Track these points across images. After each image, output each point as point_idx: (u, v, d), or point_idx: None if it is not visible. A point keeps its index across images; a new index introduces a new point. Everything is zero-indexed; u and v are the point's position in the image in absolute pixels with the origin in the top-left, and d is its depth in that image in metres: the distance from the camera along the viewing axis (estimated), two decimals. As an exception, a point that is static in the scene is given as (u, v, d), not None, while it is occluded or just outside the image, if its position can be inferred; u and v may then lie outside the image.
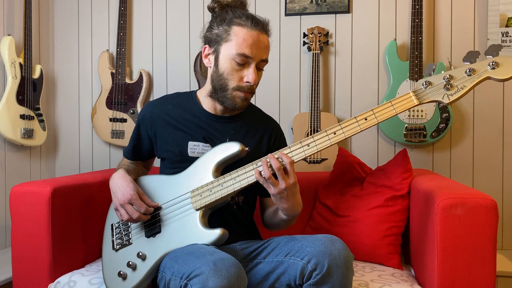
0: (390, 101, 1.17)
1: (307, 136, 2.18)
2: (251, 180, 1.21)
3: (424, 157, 2.21)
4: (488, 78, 1.11)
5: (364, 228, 1.67)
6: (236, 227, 1.37)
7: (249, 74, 1.28)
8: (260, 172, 1.18)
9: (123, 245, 1.36)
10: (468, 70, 1.13)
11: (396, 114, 1.17)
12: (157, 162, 1.56)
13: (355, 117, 1.18)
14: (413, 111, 2.11)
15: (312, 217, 1.84)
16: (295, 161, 1.19)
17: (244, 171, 1.23)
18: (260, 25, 1.28)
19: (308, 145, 1.19)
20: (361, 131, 1.17)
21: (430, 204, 1.35)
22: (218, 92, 1.32)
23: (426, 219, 1.41)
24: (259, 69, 1.31)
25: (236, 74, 1.28)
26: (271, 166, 1.17)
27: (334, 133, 1.18)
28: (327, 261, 1.10)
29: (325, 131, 1.18)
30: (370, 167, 1.89)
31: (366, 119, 1.17)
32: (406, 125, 2.12)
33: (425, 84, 1.16)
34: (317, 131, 2.19)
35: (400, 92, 2.13)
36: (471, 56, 1.13)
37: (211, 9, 1.36)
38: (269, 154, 1.19)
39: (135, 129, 1.46)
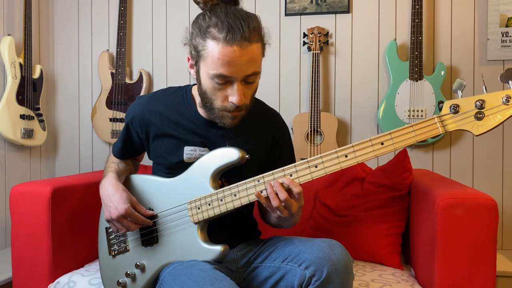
0: (412, 125, 1.04)
1: (307, 136, 2.18)
2: (252, 198, 1.15)
3: (424, 157, 2.21)
4: None
5: (364, 228, 1.67)
6: (235, 230, 1.33)
7: (233, 95, 1.11)
8: (263, 195, 1.11)
9: (119, 252, 1.33)
10: (505, 98, 0.96)
11: (416, 142, 1.05)
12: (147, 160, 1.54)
13: (370, 140, 1.06)
14: (413, 110, 2.11)
15: (312, 217, 1.84)
16: (300, 183, 1.11)
17: (244, 187, 1.15)
18: (239, 36, 1.06)
19: (316, 167, 1.10)
20: (375, 156, 1.06)
21: (430, 204, 1.35)
22: (207, 108, 1.19)
23: (426, 219, 1.41)
24: (248, 82, 1.13)
25: (219, 94, 1.13)
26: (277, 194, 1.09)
27: (346, 156, 1.07)
28: (326, 268, 1.07)
29: (336, 152, 1.08)
30: (370, 167, 1.89)
31: (382, 143, 1.05)
32: (406, 125, 2.12)
33: (453, 109, 1.01)
34: (317, 131, 2.19)
35: (400, 92, 2.13)
36: (510, 76, 0.97)
37: (196, 2, 1.17)
38: (275, 181, 1.10)
39: (124, 130, 1.35)
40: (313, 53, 2.20)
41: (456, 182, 1.60)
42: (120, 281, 1.30)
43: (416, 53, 2.10)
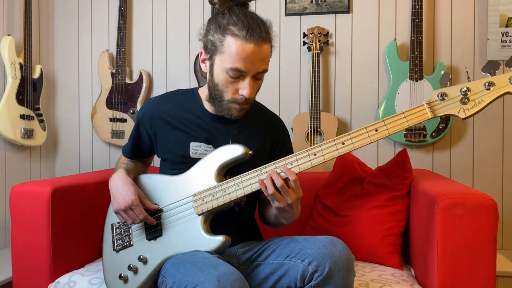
0: (403, 112, 1.11)
1: (307, 136, 2.18)
2: (255, 187, 1.18)
3: (424, 157, 2.21)
4: (508, 93, 1.05)
5: (364, 228, 1.67)
6: (238, 229, 1.36)
7: (244, 88, 1.21)
8: (264, 184, 1.15)
9: (123, 247, 1.35)
10: (487, 84, 1.05)
11: (409, 127, 1.12)
12: (156, 160, 1.55)
13: (365, 127, 1.13)
14: (413, 111, 2.11)
15: (312, 217, 1.84)
16: (300, 170, 1.15)
17: (247, 177, 1.19)
18: (257, 35, 1.17)
19: (315, 154, 1.15)
20: (371, 142, 1.13)
21: (430, 204, 1.35)
22: (214, 100, 1.28)
23: (426, 219, 1.41)
24: (257, 79, 1.24)
25: (231, 86, 1.22)
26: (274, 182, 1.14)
27: (343, 143, 1.13)
28: (328, 263, 1.08)
29: (333, 140, 1.14)
30: (370, 167, 1.89)
31: (376, 130, 1.12)
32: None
33: (441, 96, 1.10)
34: (317, 131, 2.19)
35: (400, 92, 2.13)
36: (491, 67, 1.06)
37: (211, 2, 1.26)
38: (272, 170, 1.15)
39: (134, 128, 1.42)
40: (313, 53, 2.20)
41: (456, 182, 1.60)
42: (122, 274, 1.32)
43: (416, 53, 2.10)
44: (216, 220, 1.28)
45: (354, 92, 2.28)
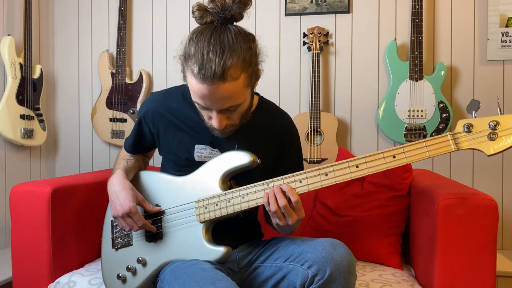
0: (424, 141, 1.05)
1: (307, 136, 2.18)
2: (260, 202, 1.15)
3: (424, 157, 2.20)
4: None
5: (365, 228, 1.67)
6: (239, 233, 1.34)
7: (213, 121, 1.14)
8: (268, 199, 1.12)
9: (123, 245, 1.34)
10: None
11: (429, 157, 1.05)
12: (156, 158, 1.54)
13: (382, 152, 1.08)
14: (413, 110, 2.11)
15: (312, 217, 1.84)
16: (309, 189, 1.12)
17: (253, 190, 1.16)
18: (210, 75, 1.03)
19: (326, 175, 1.11)
20: (387, 169, 1.07)
21: (430, 204, 1.35)
22: (200, 118, 1.22)
23: (426, 219, 1.41)
24: (229, 110, 1.13)
25: (204, 113, 1.16)
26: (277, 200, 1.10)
27: (357, 166, 1.09)
28: (329, 267, 1.07)
29: (347, 161, 1.09)
30: (370, 167, 1.89)
31: (394, 156, 1.06)
32: (406, 125, 2.12)
33: (467, 128, 1.02)
34: (317, 131, 2.19)
35: (400, 92, 2.13)
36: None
37: (193, 13, 1.16)
38: (275, 186, 1.12)
39: (136, 125, 1.37)
40: (313, 53, 2.20)
41: (456, 182, 1.60)
42: (120, 274, 1.31)
43: (416, 53, 2.10)
44: (218, 226, 1.25)
45: (354, 92, 2.28)
